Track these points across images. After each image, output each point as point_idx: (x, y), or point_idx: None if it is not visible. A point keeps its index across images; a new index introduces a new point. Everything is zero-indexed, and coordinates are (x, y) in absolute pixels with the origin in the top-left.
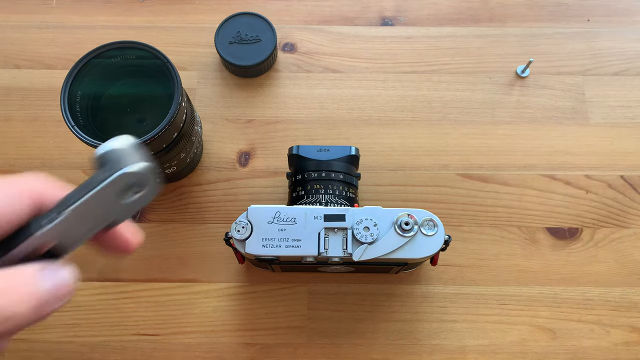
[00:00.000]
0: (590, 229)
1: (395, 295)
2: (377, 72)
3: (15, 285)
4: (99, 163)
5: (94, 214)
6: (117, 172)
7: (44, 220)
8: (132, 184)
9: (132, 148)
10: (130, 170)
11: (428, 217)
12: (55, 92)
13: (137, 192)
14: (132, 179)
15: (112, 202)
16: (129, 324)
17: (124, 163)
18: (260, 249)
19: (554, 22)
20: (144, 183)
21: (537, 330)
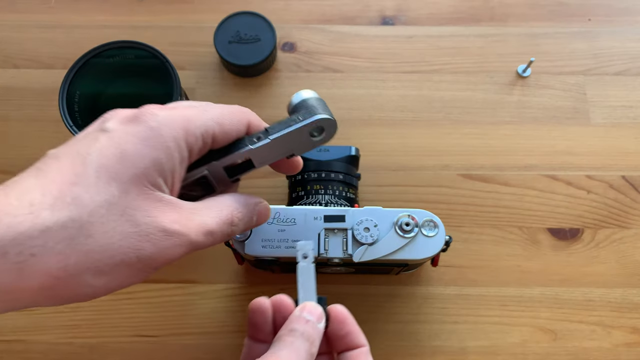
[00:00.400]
0: (592, 230)
1: (396, 297)
2: (378, 71)
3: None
4: (296, 107)
5: (287, 144)
6: (314, 116)
7: (251, 140)
8: (320, 128)
9: (320, 100)
10: (324, 117)
11: (429, 218)
12: (53, 92)
13: (320, 134)
14: (322, 124)
15: (302, 138)
16: (127, 325)
17: (317, 110)
18: (260, 249)
19: (555, 21)
20: (328, 129)
21: (538, 331)
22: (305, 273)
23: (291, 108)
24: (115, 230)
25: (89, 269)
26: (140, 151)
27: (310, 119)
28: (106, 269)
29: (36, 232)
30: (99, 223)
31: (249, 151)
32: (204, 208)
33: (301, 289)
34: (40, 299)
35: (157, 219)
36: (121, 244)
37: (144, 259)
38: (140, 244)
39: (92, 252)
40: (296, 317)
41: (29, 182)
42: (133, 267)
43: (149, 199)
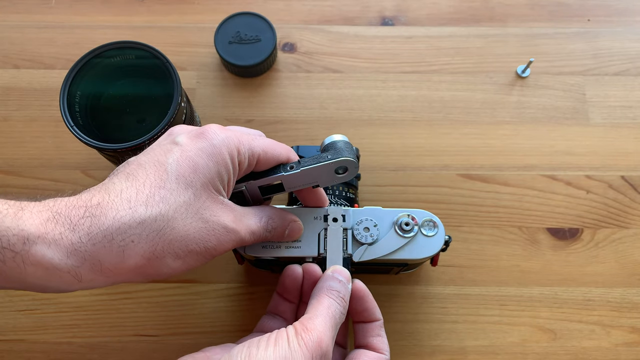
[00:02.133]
0: (591, 230)
1: (396, 296)
2: (377, 72)
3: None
4: (327, 147)
5: (314, 176)
6: (340, 157)
7: (285, 168)
8: (344, 167)
9: (348, 143)
10: (348, 159)
11: (428, 218)
12: (54, 92)
13: (343, 172)
14: (346, 164)
15: (327, 173)
16: (128, 325)
17: (344, 153)
18: (260, 250)
19: (554, 22)
20: (350, 169)
21: (537, 330)
22: (334, 235)
23: (323, 147)
24: (191, 225)
25: (170, 254)
26: (207, 164)
27: (337, 159)
28: (182, 255)
29: (135, 224)
30: (180, 219)
31: (281, 176)
32: (251, 213)
33: (329, 251)
34: (133, 276)
35: (220, 218)
36: (195, 236)
37: (209, 249)
38: (207, 237)
39: (174, 241)
40: (329, 276)
41: (123, 184)
42: (200, 255)
43: (215, 202)
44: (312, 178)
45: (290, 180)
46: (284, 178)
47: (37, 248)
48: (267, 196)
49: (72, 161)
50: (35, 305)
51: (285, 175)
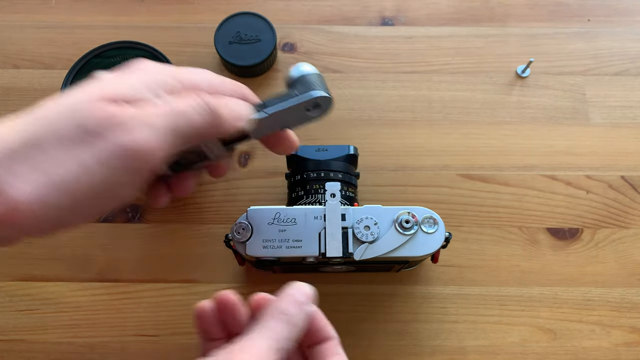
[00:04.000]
0: (591, 230)
1: (396, 296)
2: (377, 72)
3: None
4: (294, 81)
5: (282, 118)
6: (312, 93)
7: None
8: (316, 103)
9: (318, 75)
10: (321, 94)
11: (428, 215)
12: (54, 92)
13: (315, 109)
14: (319, 101)
15: (298, 113)
16: (128, 325)
17: (315, 87)
18: (261, 250)
19: (554, 22)
20: (324, 105)
21: (537, 330)
22: (332, 211)
23: (290, 81)
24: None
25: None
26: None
27: (308, 96)
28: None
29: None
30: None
31: (248, 122)
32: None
33: (329, 226)
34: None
35: None
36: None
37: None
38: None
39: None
40: (286, 295)
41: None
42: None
43: None
44: (280, 121)
45: (256, 127)
46: (250, 125)
47: None
48: (229, 147)
49: None
50: (36, 305)
51: (252, 119)
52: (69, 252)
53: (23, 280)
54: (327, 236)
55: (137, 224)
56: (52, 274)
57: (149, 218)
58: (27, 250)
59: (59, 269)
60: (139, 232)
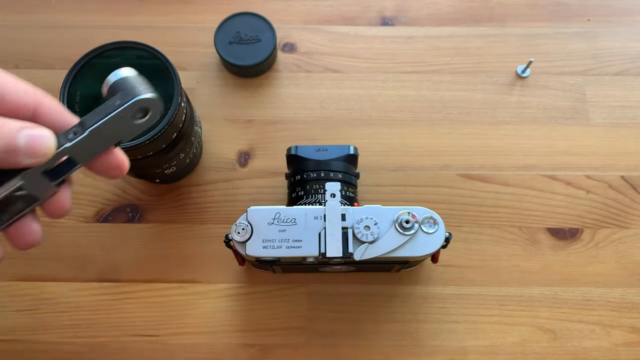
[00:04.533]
0: (591, 230)
1: (396, 296)
2: (377, 72)
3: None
4: (112, 89)
5: (109, 133)
6: (135, 97)
7: (66, 137)
8: (144, 108)
9: (139, 77)
10: (145, 96)
11: (428, 215)
12: (54, 92)
13: (145, 116)
14: (145, 104)
15: (125, 123)
16: (128, 325)
17: (138, 90)
18: (261, 250)
19: (554, 21)
20: (153, 108)
21: (537, 330)
22: (332, 210)
23: (108, 89)
24: None
25: None
26: None
27: (130, 101)
28: None
29: None
30: None
31: (64, 149)
32: None
33: (328, 225)
34: None
35: None
36: None
37: None
38: None
39: None
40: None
41: None
42: None
43: None
44: (108, 136)
45: (80, 149)
46: (71, 150)
47: None
48: (59, 180)
49: None
50: (36, 305)
51: (69, 146)
52: (69, 252)
53: (23, 280)
54: (327, 236)
55: (137, 224)
56: (52, 274)
57: (149, 218)
58: (27, 250)
59: (59, 269)
60: (139, 232)
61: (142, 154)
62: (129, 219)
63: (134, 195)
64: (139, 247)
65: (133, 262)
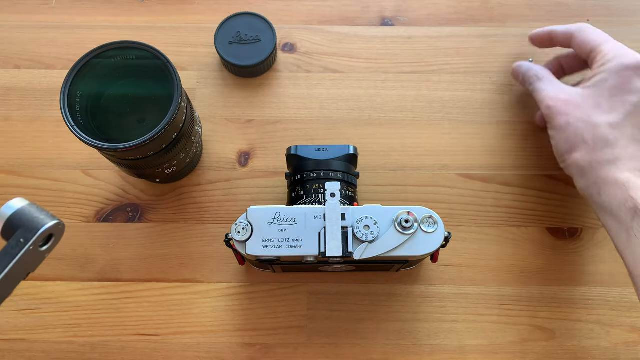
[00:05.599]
0: (591, 229)
1: (395, 295)
2: (377, 72)
3: None
4: (10, 225)
5: (18, 271)
6: (39, 229)
7: None
8: (49, 236)
9: (33, 206)
10: (49, 225)
11: (428, 215)
12: (54, 92)
13: (49, 241)
14: (50, 231)
15: (32, 255)
16: (128, 324)
17: (38, 220)
18: (261, 249)
19: (553, 22)
20: (57, 233)
21: (536, 330)
22: (332, 210)
23: (4, 225)
24: None
25: None
26: None
27: (36, 235)
28: None
29: None
30: None
31: None
32: None
33: (328, 225)
34: None
35: None
36: None
37: None
38: None
39: None
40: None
41: None
42: None
43: None
44: (18, 274)
45: None
46: None
47: None
48: None
49: (73, 161)
50: (36, 305)
51: None
52: (69, 252)
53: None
54: (327, 236)
55: (137, 224)
56: (52, 274)
57: (149, 218)
58: None
59: (59, 268)
60: (139, 232)
61: (142, 154)
62: (129, 218)
63: (134, 195)
64: (139, 247)
65: (133, 261)
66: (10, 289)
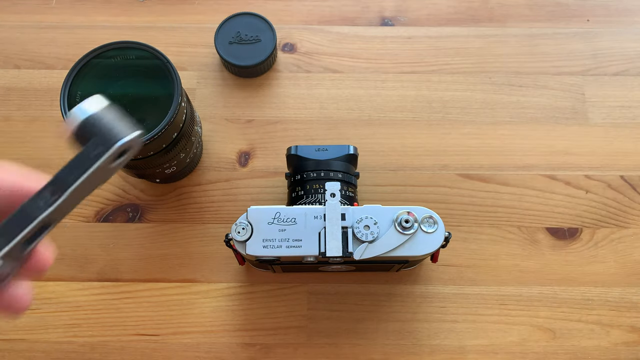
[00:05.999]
0: (590, 229)
1: (395, 295)
2: (377, 72)
3: None
4: (83, 129)
5: (86, 187)
6: (116, 142)
7: (42, 201)
8: (124, 151)
9: (111, 109)
10: (128, 138)
11: (428, 215)
12: (55, 92)
13: (123, 155)
14: (127, 146)
15: (103, 171)
16: (128, 324)
17: (116, 130)
18: (261, 249)
19: (553, 22)
20: (133, 147)
21: (537, 330)
22: (332, 210)
23: (77, 128)
24: None
25: None
26: None
27: (112, 149)
28: None
29: None
30: None
31: (43, 219)
32: None
33: (328, 225)
34: None
35: None
36: None
37: None
38: None
39: None
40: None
41: None
42: None
43: None
44: (85, 189)
45: (59, 212)
46: (50, 216)
47: None
48: (31, 248)
49: None
50: (36, 305)
51: (51, 211)
52: (69, 252)
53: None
54: (327, 236)
55: (137, 224)
56: (52, 274)
57: (149, 218)
58: None
59: (59, 268)
60: (139, 232)
61: (142, 154)
62: (129, 218)
63: (134, 195)
64: (139, 247)
65: (133, 261)
66: (74, 204)
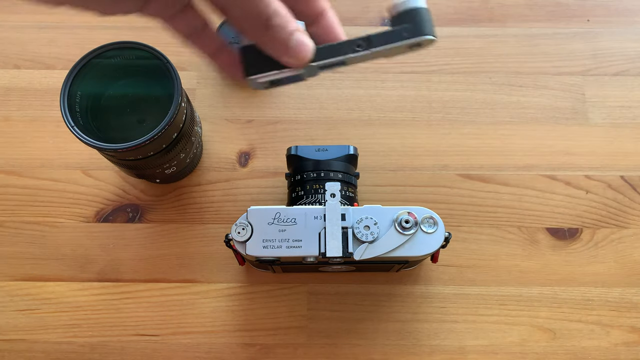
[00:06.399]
0: (590, 229)
1: (395, 296)
2: (377, 72)
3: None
4: (402, 16)
5: (381, 54)
6: (422, 36)
7: (352, 47)
8: (421, 45)
9: (429, 14)
10: (429, 37)
11: (428, 215)
12: (54, 92)
13: (414, 48)
14: (426, 43)
15: (398, 49)
16: (128, 324)
17: (425, 28)
18: (261, 250)
19: (553, 22)
20: (424, 45)
21: (537, 330)
22: (332, 210)
23: (398, 13)
24: None
25: None
26: None
27: (416, 39)
28: None
29: None
30: None
31: (347, 58)
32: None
33: (328, 225)
34: None
35: None
36: None
37: None
38: None
39: None
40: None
41: None
42: None
43: None
44: (379, 55)
45: (356, 59)
46: (351, 59)
47: None
48: (324, 70)
49: (73, 161)
50: (36, 305)
51: (353, 57)
52: (69, 252)
53: (23, 280)
54: (327, 236)
55: (137, 224)
56: (52, 274)
57: (149, 218)
58: (27, 250)
59: (59, 269)
60: (139, 232)
61: (142, 154)
62: (129, 219)
63: (134, 195)
64: (139, 247)
65: (133, 262)
66: (364, 60)
